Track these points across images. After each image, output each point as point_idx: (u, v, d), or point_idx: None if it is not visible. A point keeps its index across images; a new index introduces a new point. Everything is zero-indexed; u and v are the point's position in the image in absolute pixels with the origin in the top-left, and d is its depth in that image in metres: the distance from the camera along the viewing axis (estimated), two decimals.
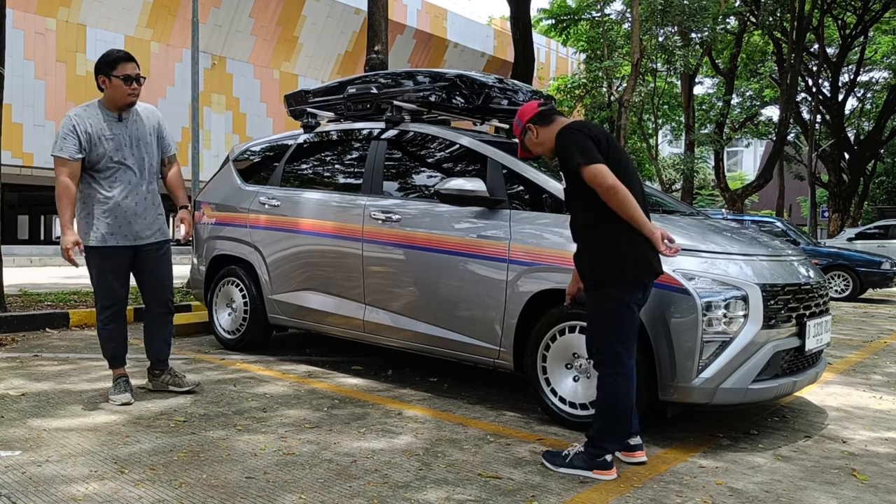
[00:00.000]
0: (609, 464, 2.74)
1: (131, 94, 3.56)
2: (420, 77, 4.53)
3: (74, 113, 3.56)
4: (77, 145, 3.49)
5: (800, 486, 2.72)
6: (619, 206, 2.66)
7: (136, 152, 3.65)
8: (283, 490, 2.51)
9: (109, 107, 3.60)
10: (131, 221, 3.63)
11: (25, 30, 19.64)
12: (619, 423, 2.78)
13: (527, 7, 10.80)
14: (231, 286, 5.18)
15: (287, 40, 25.17)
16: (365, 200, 4.36)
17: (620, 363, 2.76)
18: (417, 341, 4.09)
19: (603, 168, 2.66)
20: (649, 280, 2.83)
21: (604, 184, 2.64)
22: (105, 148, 3.55)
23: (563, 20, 25.71)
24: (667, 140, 34.92)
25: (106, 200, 3.57)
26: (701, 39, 20.32)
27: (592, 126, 2.85)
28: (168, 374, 3.87)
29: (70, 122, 3.51)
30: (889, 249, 14.45)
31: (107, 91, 3.56)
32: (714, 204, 36.58)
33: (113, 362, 3.74)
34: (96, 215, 3.57)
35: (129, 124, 3.64)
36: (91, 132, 3.53)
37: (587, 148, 2.70)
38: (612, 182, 2.64)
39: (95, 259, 3.62)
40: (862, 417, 3.82)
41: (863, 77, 27.33)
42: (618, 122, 16.81)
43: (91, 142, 3.52)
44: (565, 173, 2.85)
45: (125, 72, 3.52)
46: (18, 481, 2.52)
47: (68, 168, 3.49)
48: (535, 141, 2.94)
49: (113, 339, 3.72)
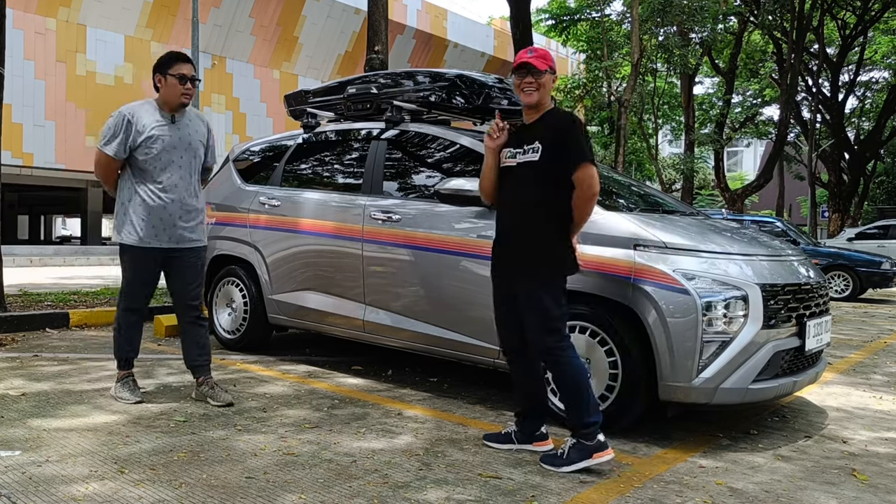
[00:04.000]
0: (603, 443, 2.78)
1: (185, 94, 3.57)
2: (420, 77, 4.53)
3: (128, 109, 3.55)
4: (123, 144, 3.50)
5: (800, 486, 2.72)
6: (590, 211, 2.87)
7: (185, 155, 3.63)
8: (283, 490, 2.51)
9: (163, 107, 3.60)
10: (174, 224, 3.59)
11: (25, 30, 19.64)
12: (589, 395, 2.83)
13: (527, 7, 10.80)
14: (231, 286, 5.18)
15: (287, 40, 25.18)
16: (365, 200, 4.37)
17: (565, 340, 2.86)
18: (417, 341, 4.09)
19: (597, 173, 2.81)
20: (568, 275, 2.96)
21: (594, 187, 2.79)
22: (155, 147, 3.53)
23: (563, 20, 25.72)
24: (667, 140, 34.93)
25: (149, 200, 3.54)
26: (701, 39, 20.33)
27: None
28: (206, 384, 3.72)
29: (123, 118, 3.51)
30: (889, 249, 14.45)
31: (162, 90, 3.58)
32: (714, 204, 36.58)
33: (124, 364, 3.73)
34: (137, 214, 3.55)
35: (181, 127, 3.63)
36: (142, 129, 3.51)
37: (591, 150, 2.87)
38: (598, 189, 2.81)
39: (130, 258, 3.60)
40: (862, 417, 3.82)
41: (863, 77, 27.35)
42: (618, 122, 16.82)
43: (140, 139, 3.51)
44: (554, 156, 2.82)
45: (181, 71, 3.54)
46: (18, 481, 2.52)
47: (111, 162, 3.54)
48: (543, 88, 2.88)
49: (130, 341, 3.71)
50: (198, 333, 3.79)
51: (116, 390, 3.70)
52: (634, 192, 4.44)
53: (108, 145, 3.50)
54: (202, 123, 3.78)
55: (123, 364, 3.74)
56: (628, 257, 3.22)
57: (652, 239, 3.23)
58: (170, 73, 3.54)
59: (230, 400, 3.66)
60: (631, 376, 3.17)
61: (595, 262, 3.29)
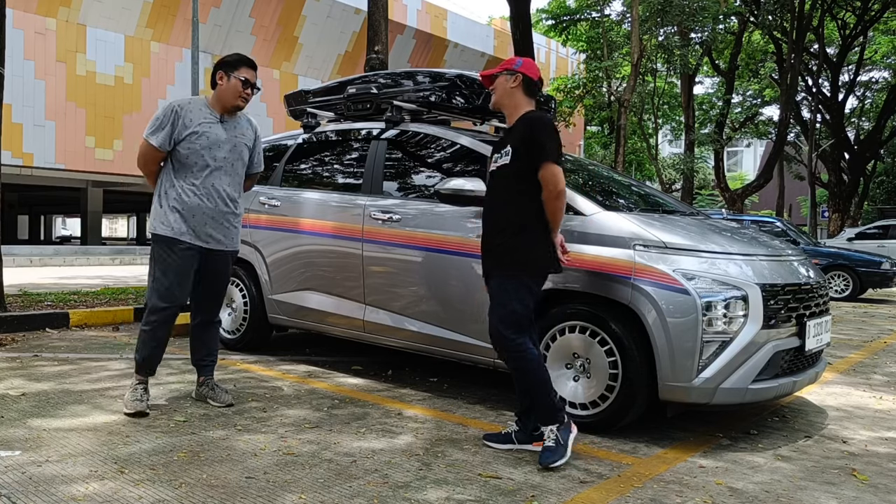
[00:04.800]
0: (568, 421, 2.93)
1: (242, 98, 3.54)
2: (420, 77, 4.53)
3: (178, 103, 3.51)
4: (169, 136, 3.45)
5: (800, 486, 2.72)
6: (559, 209, 2.92)
7: (229, 156, 3.57)
8: (283, 490, 2.51)
9: (215, 106, 3.56)
10: (207, 223, 3.51)
11: (25, 30, 19.65)
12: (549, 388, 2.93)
13: (527, 7, 10.80)
14: (231, 286, 5.18)
15: (287, 40, 25.19)
16: (365, 200, 4.37)
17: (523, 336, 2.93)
18: (417, 341, 4.09)
19: (561, 172, 2.90)
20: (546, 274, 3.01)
21: (559, 185, 2.87)
22: (198, 143, 3.47)
23: (563, 20, 25.73)
24: (667, 140, 34.94)
25: (185, 196, 3.47)
26: (701, 39, 20.33)
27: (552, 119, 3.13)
28: (207, 385, 3.71)
29: (172, 109, 3.47)
30: (889, 249, 14.46)
31: (221, 88, 3.53)
32: (714, 204, 36.59)
33: (144, 368, 3.53)
34: (173, 207, 3.47)
35: (229, 129, 3.58)
36: (189, 124, 3.46)
37: (560, 150, 2.96)
38: (563, 187, 2.89)
39: (162, 250, 3.49)
40: (862, 417, 3.82)
41: (863, 77, 27.35)
42: (618, 122, 16.82)
43: (186, 133, 3.45)
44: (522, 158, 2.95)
45: (245, 75, 3.54)
46: (18, 481, 2.52)
47: (154, 153, 3.50)
48: (509, 89, 3.08)
49: (150, 346, 3.51)
50: (210, 334, 3.77)
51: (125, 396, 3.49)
52: (634, 192, 4.44)
53: (153, 135, 3.45)
54: (251, 128, 3.72)
55: (143, 369, 3.53)
56: (628, 257, 3.22)
57: (652, 239, 3.23)
58: (234, 75, 3.51)
59: (230, 401, 3.64)
60: (631, 376, 3.17)
61: (595, 262, 3.29)
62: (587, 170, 4.59)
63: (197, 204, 3.49)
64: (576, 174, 4.32)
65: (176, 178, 3.51)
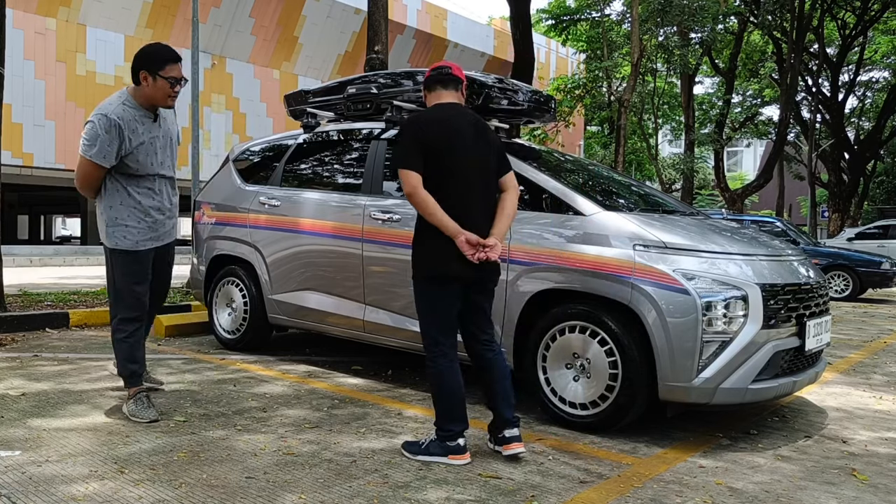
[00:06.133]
0: (463, 447, 2.84)
1: (172, 97, 3.36)
2: (420, 77, 4.52)
3: (115, 115, 3.26)
4: (116, 152, 3.27)
5: (800, 486, 2.72)
6: (422, 212, 2.84)
7: (170, 153, 3.53)
8: (283, 490, 2.51)
9: (144, 104, 3.36)
10: (161, 223, 3.52)
11: (25, 30, 19.65)
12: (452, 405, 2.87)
13: (527, 7, 10.80)
14: (231, 286, 5.18)
15: (287, 40, 25.18)
16: (365, 200, 4.37)
17: (436, 347, 2.88)
18: (417, 341, 4.07)
19: (409, 175, 2.81)
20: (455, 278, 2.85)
21: (405, 188, 2.83)
22: (146, 152, 3.37)
23: (563, 20, 25.71)
24: (667, 140, 34.93)
25: (144, 201, 3.42)
26: (701, 39, 20.32)
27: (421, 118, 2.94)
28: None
29: (113, 124, 3.24)
30: (889, 249, 14.45)
31: (147, 89, 3.31)
32: (714, 204, 36.59)
33: (133, 380, 3.45)
34: (133, 216, 3.39)
35: (163, 123, 3.48)
36: (134, 137, 3.31)
37: (405, 151, 2.85)
38: (409, 189, 2.81)
39: (126, 263, 3.41)
40: (862, 417, 3.82)
41: (863, 77, 27.34)
42: (618, 122, 16.81)
43: (134, 145, 3.32)
44: None
45: (173, 74, 3.31)
46: (18, 481, 2.52)
47: (101, 172, 3.32)
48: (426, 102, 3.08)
49: (134, 356, 3.46)
50: (149, 327, 3.83)
51: (130, 409, 3.37)
52: (634, 192, 4.44)
53: (100, 155, 3.25)
54: (172, 115, 3.63)
55: (133, 381, 3.45)
56: (628, 257, 3.22)
57: (652, 239, 3.23)
58: (161, 75, 3.28)
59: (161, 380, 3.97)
60: (631, 376, 3.17)
61: (595, 262, 3.29)
62: (587, 170, 4.59)
63: (157, 206, 3.49)
64: (576, 174, 4.32)
65: (128, 185, 3.39)
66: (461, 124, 2.93)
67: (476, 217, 2.87)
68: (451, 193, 2.84)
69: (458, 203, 2.84)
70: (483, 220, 2.90)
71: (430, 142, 2.85)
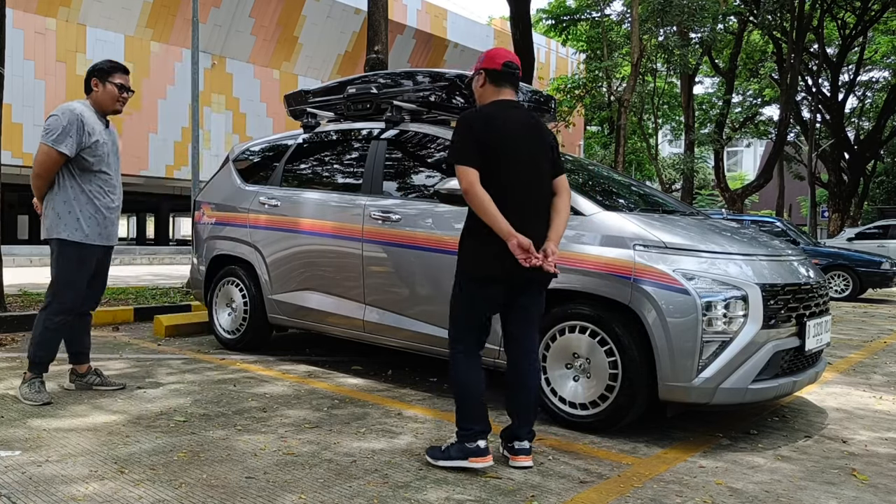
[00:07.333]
0: (484, 449, 2.76)
1: (119, 102, 3.72)
2: (420, 77, 4.52)
3: (77, 110, 3.58)
4: (76, 144, 3.53)
5: (800, 486, 2.72)
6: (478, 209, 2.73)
7: (115, 156, 3.79)
8: (283, 490, 2.51)
9: (98, 110, 3.71)
10: (111, 222, 3.75)
11: (25, 30, 19.64)
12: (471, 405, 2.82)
13: (527, 7, 10.79)
14: (231, 286, 5.18)
15: (287, 40, 25.17)
16: (365, 200, 4.37)
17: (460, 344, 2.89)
18: (417, 341, 4.09)
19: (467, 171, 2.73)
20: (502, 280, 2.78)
21: (462, 185, 2.75)
22: (102, 151, 3.65)
23: (563, 20, 25.72)
24: (667, 140, 34.94)
25: (96, 199, 3.65)
26: (701, 39, 20.32)
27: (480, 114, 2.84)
28: (94, 373, 3.93)
29: (76, 117, 3.54)
30: (889, 249, 14.45)
31: (97, 94, 3.68)
32: (714, 204, 36.59)
33: (37, 368, 3.65)
34: (84, 212, 3.62)
35: (111, 132, 3.79)
36: (92, 132, 3.60)
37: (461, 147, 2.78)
38: (466, 186, 2.73)
39: (73, 256, 3.62)
40: (862, 417, 3.82)
41: (863, 77, 27.34)
42: (618, 122, 16.82)
43: (91, 140, 3.59)
44: None
45: (120, 80, 3.69)
46: (18, 481, 2.52)
47: (59, 161, 3.54)
48: (479, 89, 2.97)
49: (50, 347, 3.68)
50: (87, 323, 3.94)
51: (23, 392, 3.59)
52: (634, 192, 4.44)
53: (62, 143, 3.50)
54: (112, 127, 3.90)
55: (43, 366, 3.67)
56: (628, 257, 3.22)
57: (652, 239, 3.23)
58: (109, 81, 3.66)
59: (123, 382, 3.98)
60: (631, 376, 3.17)
61: (595, 262, 3.29)
62: (587, 170, 4.59)
63: (107, 205, 3.70)
64: (576, 174, 4.32)
65: (82, 182, 3.63)
66: (519, 122, 2.85)
67: (530, 218, 2.78)
68: (505, 193, 2.74)
69: (512, 203, 2.73)
70: (537, 221, 2.80)
71: (487, 139, 2.75)
